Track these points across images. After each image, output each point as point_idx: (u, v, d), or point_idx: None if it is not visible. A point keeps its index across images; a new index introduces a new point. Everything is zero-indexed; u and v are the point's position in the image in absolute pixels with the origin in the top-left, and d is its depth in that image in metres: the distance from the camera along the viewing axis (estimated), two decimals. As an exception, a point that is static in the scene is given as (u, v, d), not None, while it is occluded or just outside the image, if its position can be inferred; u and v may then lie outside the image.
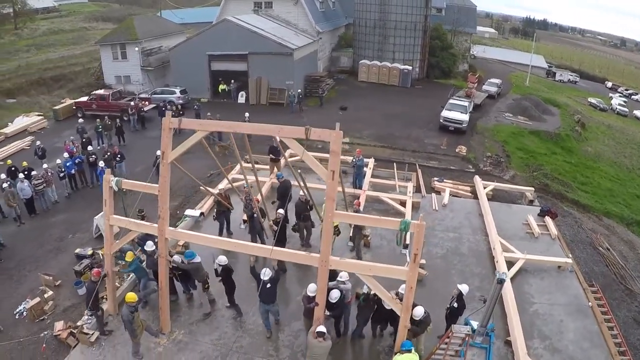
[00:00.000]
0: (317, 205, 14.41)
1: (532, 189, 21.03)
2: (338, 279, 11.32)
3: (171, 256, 12.71)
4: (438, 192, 20.78)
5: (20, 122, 33.22)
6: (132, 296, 11.22)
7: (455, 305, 11.45)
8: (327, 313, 11.07)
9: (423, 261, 15.08)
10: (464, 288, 11.57)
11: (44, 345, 12.43)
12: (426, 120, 32.45)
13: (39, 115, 34.53)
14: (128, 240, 13.10)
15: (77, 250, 16.37)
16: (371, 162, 22.11)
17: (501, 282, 10.22)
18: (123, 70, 43.34)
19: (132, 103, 33.43)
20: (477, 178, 21.34)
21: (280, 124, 9.78)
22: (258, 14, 42.38)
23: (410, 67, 41.69)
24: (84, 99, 36.13)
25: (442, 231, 17.55)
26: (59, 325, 12.86)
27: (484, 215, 18.32)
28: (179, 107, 33.22)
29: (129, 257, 12.95)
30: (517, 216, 18.75)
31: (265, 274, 11.27)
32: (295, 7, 41.66)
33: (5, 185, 19.51)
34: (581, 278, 15.04)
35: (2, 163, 24.98)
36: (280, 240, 13.21)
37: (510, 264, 15.08)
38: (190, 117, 29.81)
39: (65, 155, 22.45)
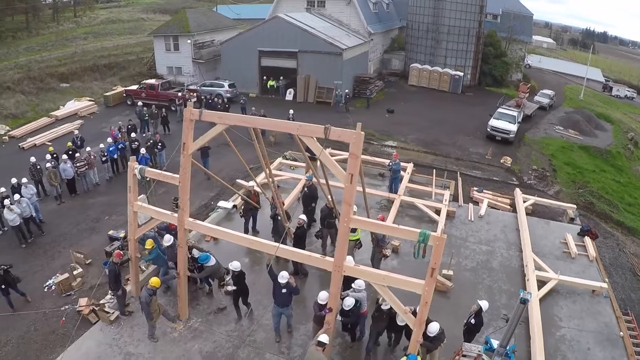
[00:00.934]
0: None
1: (574, 206, 20.15)
2: (354, 286, 11.18)
3: (190, 251, 12.90)
4: (476, 203, 20.28)
5: (72, 106, 34.77)
6: (156, 281, 11.66)
7: (473, 321, 11.11)
8: (340, 319, 10.98)
9: (450, 273, 14.84)
10: (484, 304, 11.18)
11: (63, 318, 12.99)
12: (473, 128, 31.75)
13: (90, 100, 36.04)
14: (150, 227, 13.40)
15: (110, 232, 16.95)
16: (410, 167, 21.85)
17: (524, 302, 9.68)
18: (175, 62, 44.53)
19: (179, 94, 34.27)
20: (517, 191, 20.71)
21: (324, 123, 9.44)
22: (310, 12, 42.50)
23: (461, 73, 40.83)
24: (134, 87, 37.41)
25: (474, 243, 17.11)
26: (82, 301, 13.39)
27: (520, 230, 17.69)
28: (225, 100, 33.77)
29: (149, 244, 13.25)
30: (555, 234, 18.00)
31: (283, 276, 11.23)
32: (347, 7, 41.51)
33: (48, 164, 20.52)
34: (615, 305, 14.22)
35: (50, 144, 26.29)
36: (299, 247, 13.03)
37: (541, 283, 14.46)
38: (235, 110, 30.60)
39: (109, 140, 23.23)
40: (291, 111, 28.66)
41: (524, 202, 19.74)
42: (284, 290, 11.40)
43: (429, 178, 21.42)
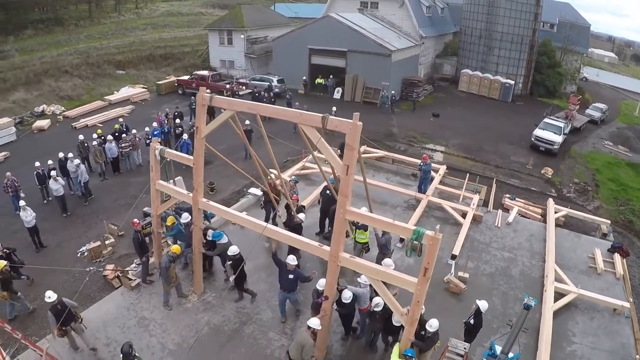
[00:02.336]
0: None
1: (608, 221, 19.44)
2: (359, 280, 11.36)
3: (205, 233, 13.42)
4: (506, 210, 19.98)
5: (126, 92, 36.58)
6: (177, 248, 12.50)
7: (472, 322, 11.05)
8: (336, 308, 11.08)
9: (466, 275, 14.78)
10: (482, 304, 11.04)
11: (87, 278, 13.88)
12: (518, 138, 31.13)
13: (143, 87, 37.77)
14: (170, 205, 14.10)
15: (145, 209, 17.79)
16: (442, 169, 21.82)
17: (528, 308, 9.73)
18: (228, 55, 45.85)
19: (227, 86, 35.32)
20: (550, 201, 20.23)
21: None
22: (363, 13, 42.69)
23: (512, 82, 39.94)
24: (186, 77, 38.84)
25: (497, 249, 16.89)
26: (109, 267, 14.43)
27: (546, 241, 17.29)
28: (272, 94, 34.54)
29: (169, 221, 13.99)
30: (584, 248, 17.44)
31: (291, 259, 11.46)
32: (400, 9, 41.44)
33: (95, 143, 21.88)
34: (636, 326, 13.60)
35: (101, 125, 27.85)
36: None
37: (560, 295, 14.06)
38: (281, 105, 31.31)
39: (154, 124, 24.37)
40: (334, 108, 29.06)
41: (556, 212, 19.28)
42: (290, 276, 11.71)
43: (461, 181, 21.24)
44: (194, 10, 73.54)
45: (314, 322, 9.96)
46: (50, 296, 11.12)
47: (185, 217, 13.78)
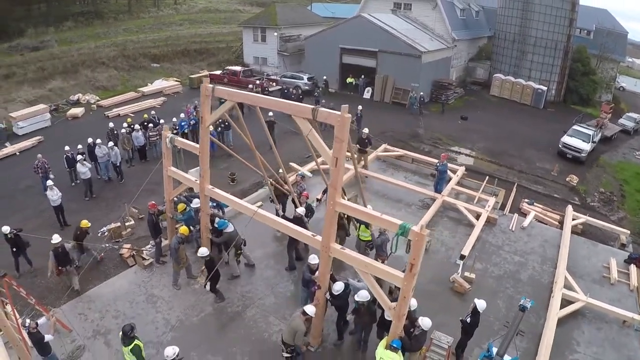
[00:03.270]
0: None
1: (628, 231, 19.03)
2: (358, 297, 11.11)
3: (212, 220, 13.87)
4: (524, 215, 19.80)
5: (159, 84, 37.73)
6: (185, 229, 13.18)
7: (468, 320, 11.06)
8: (328, 297, 11.13)
9: (472, 276, 14.79)
10: (480, 304, 11.05)
11: (102, 254, 14.84)
12: (546, 144, 30.62)
13: (176, 80, 38.79)
14: (182, 190, 14.80)
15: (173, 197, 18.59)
16: (460, 170, 21.83)
17: (523, 309, 9.87)
18: (261, 52, 46.52)
19: (257, 81, 35.91)
20: (569, 207, 19.96)
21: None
22: (395, 14, 42.68)
23: (545, 88, 39.20)
24: (218, 72, 39.65)
25: (508, 252, 16.78)
26: (126, 246, 15.20)
27: (560, 247, 17.05)
28: (300, 92, 34.97)
29: (181, 207, 14.65)
30: (600, 257, 17.11)
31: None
32: (433, 11, 41.22)
33: (123, 131, 22.91)
34: (645, 340, 13.16)
35: (132, 115, 28.83)
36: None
37: (568, 303, 13.83)
38: (309, 102, 31.80)
39: (182, 115, 25.10)
40: (360, 107, 29.40)
41: (574, 219, 19.02)
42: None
43: (479, 183, 21.12)
44: (232, 7, 74.77)
45: (310, 309, 10.21)
46: (54, 239, 12.86)
47: (195, 203, 14.32)
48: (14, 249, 14.51)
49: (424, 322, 9.99)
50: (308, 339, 11.13)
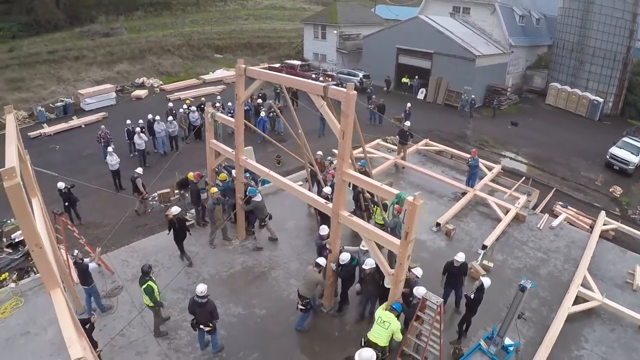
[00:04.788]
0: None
1: (662, 241, 18.93)
2: (361, 247, 12.06)
3: (246, 188, 15.02)
4: (555, 216, 19.98)
5: (220, 73, 39.89)
6: (213, 190, 14.66)
7: (472, 296, 11.47)
8: (334, 267, 11.84)
9: (490, 265, 15.22)
10: (486, 281, 11.47)
11: (149, 210, 17.13)
12: (595, 154, 30.17)
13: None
14: (221, 161, 16.18)
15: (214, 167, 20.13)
16: (497, 168, 22.25)
17: (523, 289, 9.94)
18: (321, 49, 47.88)
19: (313, 76, 37.20)
20: (602, 213, 19.93)
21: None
22: (454, 17, 42.93)
23: (601, 100, 38.28)
24: (277, 65, 41.28)
25: (532, 248, 17.01)
26: (172, 209, 16.52)
27: (585, 249, 16.98)
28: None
29: (222, 177, 16.00)
30: (626, 263, 16.85)
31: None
32: (491, 15, 41.18)
33: (181, 110, 24.83)
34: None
35: (192, 99, 30.91)
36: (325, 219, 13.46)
37: (583, 301, 13.85)
38: (362, 98, 33.01)
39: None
40: (408, 104, 30.43)
41: (605, 225, 19.02)
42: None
43: (514, 183, 21.39)
44: (297, 5, 76.58)
45: (322, 260, 11.34)
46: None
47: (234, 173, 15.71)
48: (66, 204, 16.64)
49: (419, 290, 10.37)
50: (320, 300, 12.21)
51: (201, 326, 10.45)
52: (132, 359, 10.91)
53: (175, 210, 13.88)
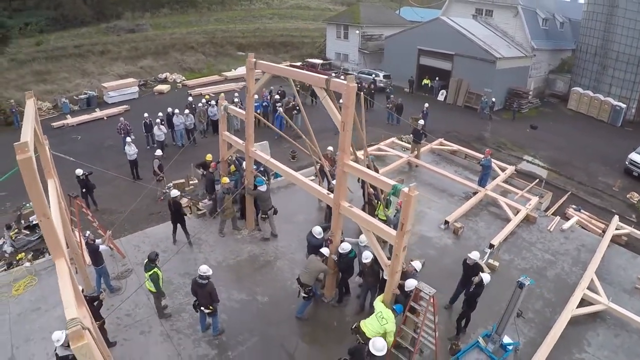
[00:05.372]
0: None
1: (677, 248, 18.62)
2: (359, 241, 12.24)
3: (255, 178, 15.38)
4: (567, 219, 19.84)
5: (242, 70, 40.35)
6: (225, 180, 15.12)
7: (471, 290, 11.47)
8: (335, 258, 12.01)
9: (495, 264, 15.19)
10: (486, 277, 11.36)
11: (162, 197, 17.70)
12: (615, 160, 29.75)
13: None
14: (232, 153, 16.61)
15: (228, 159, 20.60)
16: (510, 169, 22.14)
17: (521, 286, 9.77)
18: (343, 49, 48.14)
19: (333, 74, 37.41)
20: (615, 217, 19.61)
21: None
22: (476, 19, 42.77)
23: (624, 105, 37.59)
24: (298, 63, 41.61)
25: (540, 250, 16.85)
26: (185, 200, 17.37)
27: (595, 252, 16.60)
28: (372, 87, 36.22)
29: (232, 169, 16.57)
30: (637, 269, 16.38)
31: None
32: (514, 18, 40.85)
33: (200, 105, 25.35)
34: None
35: (213, 95, 31.49)
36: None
37: (588, 304, 13.62)
38: (381, 97, 33.44)
39: (255, 96, 27.20)
40: (426, 105, 30.56)
41: (618, 229, 18.76)
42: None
43: (526, 184, 21.32)
44: (322, 5, 76.96)
45: (325, 250, 11.60)
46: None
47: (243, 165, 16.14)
48: (84, 190, 17.29)
49: (408, 283, 10.33)
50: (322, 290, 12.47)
51: (202, 308, 10.80)
52: (135, 338, 11.40)
53: (173, 193, 14.57)
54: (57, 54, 38.78)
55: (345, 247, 11.74)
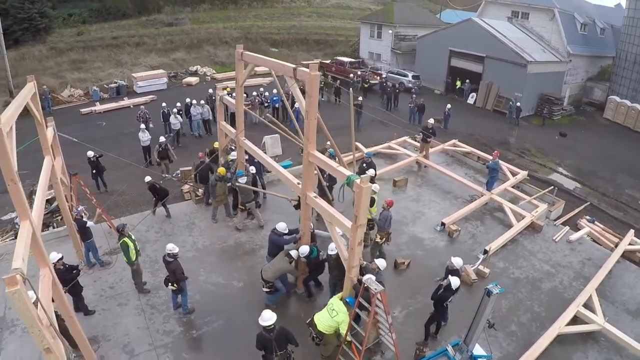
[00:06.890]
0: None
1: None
2: (329, 250, 11.82)
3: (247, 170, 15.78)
4: (578, 230, 19.10)
5: (272, 66, 41.04)
6: (222, 170, 15.41)
7: (439, 293, 11.03)
8: (304, 260, 12.13)
9: (486, 271, 14.66)
10: (454, 281, 10.93)
11: (161, 182, 17.62)
12: (646, 173, 28.71)
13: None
14: (229, 140, 17.03)
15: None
16: (522, 174, 21.60)
17: (489, 294, 9.30)
18: (376, 48, 48.00)
19: (358, 72, 37.49)
20: (631, 232, 18.59)
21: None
22: (511, 22, 41.81)
23: (663, 116, 36.16)
24: (328, 61, 41.85)
25: (539, 260, 15.99)
26: (188, 184, 18.09)
27: (601, 267, 15.56)
28: (398, 87, 36.08)
29: (221, 172, 16.39)
30: None
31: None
32: (550, 22, 39.65)
33: (216, 97, 25.71)
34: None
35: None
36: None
37: (581, 322, 12.73)
38: (405, 98, 33.33)
39: (274, 91, 27.58)
40: (448, 105, 30.47)
41: (632, 244, 17.60)
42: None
43: (537, 190, 20.65)
44: (363, 5, 76.74)
45: (294, 253, 11.68)
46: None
47: (233, 155, 16.63)
48: (94, 171, 17.98)
49: (364, 279, 9.87)
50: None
51: (169, 285, 11.22)
52: (113, 309, 12.19)
53: (146, 179, 15.77)
54: (94, 44, 40.33)
55: (303, 250, 11.85)
